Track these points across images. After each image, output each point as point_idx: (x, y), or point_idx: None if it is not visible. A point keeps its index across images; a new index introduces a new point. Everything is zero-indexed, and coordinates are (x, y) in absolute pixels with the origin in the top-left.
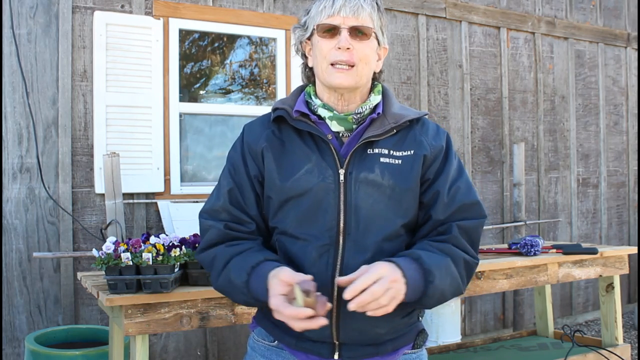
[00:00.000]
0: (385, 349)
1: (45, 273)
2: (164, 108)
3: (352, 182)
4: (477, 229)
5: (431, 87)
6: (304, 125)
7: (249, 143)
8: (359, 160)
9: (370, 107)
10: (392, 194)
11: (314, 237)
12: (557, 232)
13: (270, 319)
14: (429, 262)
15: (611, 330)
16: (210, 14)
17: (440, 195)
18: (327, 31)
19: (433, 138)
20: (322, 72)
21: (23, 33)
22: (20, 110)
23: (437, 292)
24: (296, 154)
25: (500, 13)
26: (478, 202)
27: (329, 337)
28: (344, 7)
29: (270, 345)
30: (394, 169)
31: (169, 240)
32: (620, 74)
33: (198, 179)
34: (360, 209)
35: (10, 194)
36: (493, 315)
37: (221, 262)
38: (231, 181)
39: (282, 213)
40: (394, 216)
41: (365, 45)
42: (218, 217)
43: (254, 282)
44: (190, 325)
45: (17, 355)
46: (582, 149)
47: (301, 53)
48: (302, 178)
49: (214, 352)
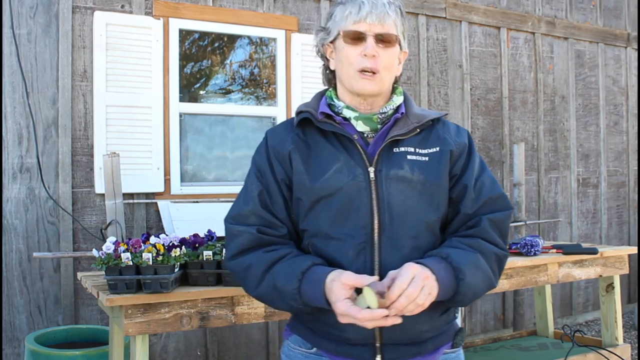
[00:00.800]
0: (426, 347)
1: (45, 273)
2: (164, 108)
3: (383, 179)
4: (505, 220)
5: (431, 87)
6: (330, 127)
7: (274, 147)
8: (387, 158)
9: (393, 108)
10: (422, 189)
11: (348, 236)
12: (557, 232)
13: (307, 325)
14: (457, 260)
15: (611, 330)
16: (210, 14)
17: (468, 189)
18: (353, 38)
19: (456, 135)
20: (347, 77)
21: (23, 33)
22: (20, 110)
23: (469, 288)
24: (323, 155)
25: (500, 13)
26: (503, 194)
27: (371, 339)
28: (370, 14)
29: (308, 353)
30: (422, 165)
31: (169, 240)
32: (620, 74)
33: (198, 179)
34: (393, 205)
35: (10, 194)
36: (493, 315)
37: (260, 268)
38: (259, 185)
39: (313, 214)
40: (426, 211)
41: (389, 53)
42: (247, 222)
43: (307, 287)
44: (190, 325)
45: (17, 355)
46: (582, 149)
47: (322, 55)
48: (332, 177)
49: (214, 352)
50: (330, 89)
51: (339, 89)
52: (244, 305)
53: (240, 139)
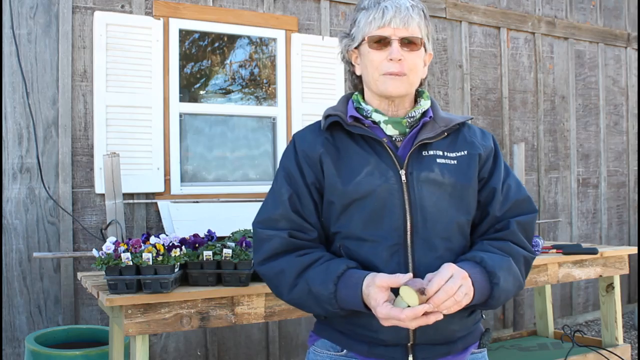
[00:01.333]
0: (456, 347)
1: (45, 273)
2: (164, 108)
3: (415, 181)
4: (532, 223)
5: (431, 87)
6: (360, 130)
7: (304, 150)
8: (417, 161)
9: (421, 112)
10: (453, 192)
11: (382, 238)
12: (557, 232)
13: (337, 328)
14: (492, 264)
15: (611, 330)
16: (211, 14)
17: (497, 192)
18: (378, 42)
19: (482, 139)
20: (373, 81)
21: (23, 33)
22: (20, 110)
23: (502, 292)
24: (353, 158)
25: (500, 13)
26: (529, 197)
27: (405, 339)
28: (394, 19)
29: (338, 355)
30: (452, 168)
31: (169, 240)
32: (620, 74)
33: (198, 179)
34: (425, 207)
35: (10, 194)
36: (493, 315)
37: (293, 273)
38: (289, 188)
39: (346, 217)
40: (458, 212)
41: (415, 55)
42: (277, 226)
43: (343, 291)
44: (190, 325)
45: (17, 355)
46: (582, 149)
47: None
48: (364, 180)
49: (214, 352)
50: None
51: (367, 93)
52: (244, 305)
53: (240, 139)
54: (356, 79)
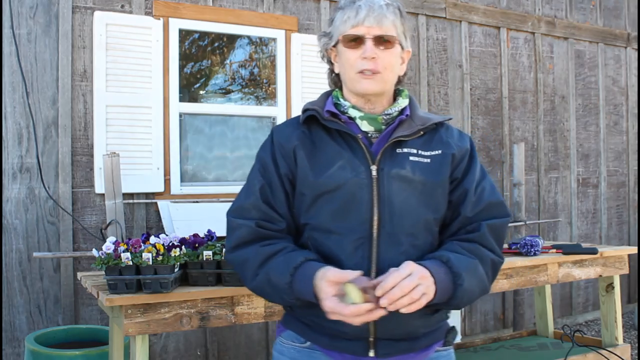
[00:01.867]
0: (419, 344)
1: (45, 273)
2: (164, 108)
3: (385, 177)
4: (503, 227)
5: (431, 87)
6: (335, 125)
7: (280, 142)
8: (390, 158)
9: (398, 110)
10: (423, 189)
11: (348, 231)
12: (557, 232)
13: (302, 320)
14: (457, 265)
15: (611, 330)
16: (210, 14)
17: (469, 193)
18: (352, 41)
19: (458, 140)
20: (349, 79)
21: (23, 33)
22: (20, 110)
23: (465, 293)
24: (327, 152)
25: (500, 13)
26: (502, 201)
27: (365, 333)
28: (367, 18)
29: (301, 347)
30: (424, 166)
31: (169, 240)
32: (620, 74)
33: (198, 179)
34: (393, 202)
35: (10, 194)
36: (493, 315)
37: (256, 262)
38: (262, 179)
39: (315, 208)
40: (426, 210)
41: (389, 54)
42: (248, 215)
43: (298, 282)
44: (190, 325)
45: (17, 355)
46: (582, 149)
47: (327, 59)
48: (335, 173)
49: (214, 352)
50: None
51: (344, 91)
52: (243, 305)
53: (240, 139)
54: (335, 76)
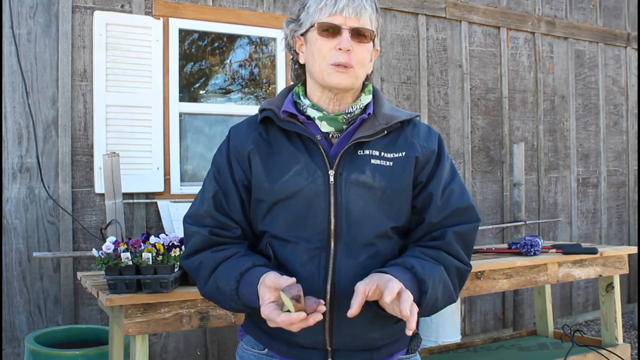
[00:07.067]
0: (379, 354)
1: (45, 273)
2: (164, 108)
3: (343, 183)
4: (471, 233)
5: (431, 87)
6: (292, 126)
7: (236, 146)
8: (349, 162)
9: (360, 107)
10: (383, 196)
11: (304, 240)
12: (557, 232)
13: (260, 326)
14: (422, 272)
15: (611, 330)
16: (210, 14)
17: (434, 198)
18: (327, 30)
19: (425, 140)
20: (319, 71)
21: (23, 33)
22: (20, 110)
23: (430, 301)
24: (284, 156)
25: (500, 13)
26: (472, 205)
27: (322, 344)
28: (346, 7)
29: (260, 354)
30: (385, 171)
31: (168, 240)
32: (620, 74)
33: (198, 179)
34: (351, 211)
35: (10, 193)
36: (493, 315)
37: (208, 268)
38: (216, 185)
39: (271, 216)
40: (386, 218)
41: (363, 48)
42: (202, 222)
43: (244, 289)
44: (190, 325)
45: (17, 355)
46: (582, 149)
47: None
48: (291, 180)
49: (214, 352)
50: (298, 85)
51: (309, 84)
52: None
53: None
54: (299, 68)
